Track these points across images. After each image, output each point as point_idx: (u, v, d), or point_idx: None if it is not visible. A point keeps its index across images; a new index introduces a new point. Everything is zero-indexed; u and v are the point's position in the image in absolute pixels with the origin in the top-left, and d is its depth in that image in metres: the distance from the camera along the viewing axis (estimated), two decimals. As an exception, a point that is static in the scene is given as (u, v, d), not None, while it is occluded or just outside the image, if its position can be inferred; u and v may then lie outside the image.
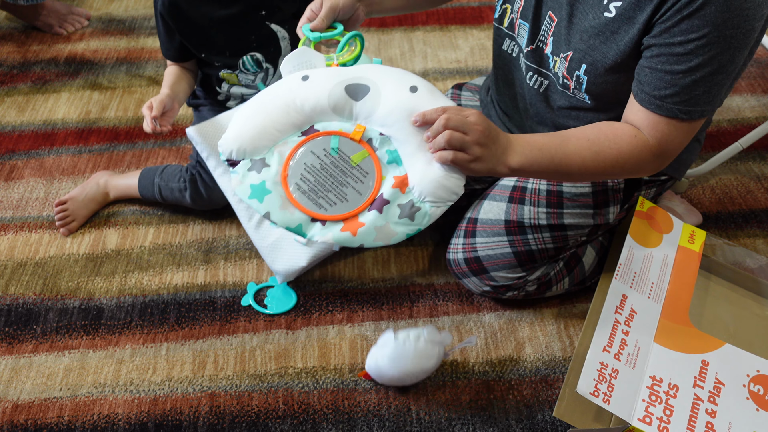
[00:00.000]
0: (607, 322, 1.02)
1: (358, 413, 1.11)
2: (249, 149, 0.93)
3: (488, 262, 1.17)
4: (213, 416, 1.11)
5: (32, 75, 1.80)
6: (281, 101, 0.95)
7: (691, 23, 0.85)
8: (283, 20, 1.27)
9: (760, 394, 0.96)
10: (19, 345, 1.21)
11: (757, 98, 1.69)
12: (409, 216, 0.91)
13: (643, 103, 0.93)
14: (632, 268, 1.08)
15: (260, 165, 0.93)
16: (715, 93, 0.91)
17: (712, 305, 1.10)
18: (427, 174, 0.90)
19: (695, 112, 0.92)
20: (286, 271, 1.25)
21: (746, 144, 1.39)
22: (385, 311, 1.26)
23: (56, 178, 1.51)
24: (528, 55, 1.08)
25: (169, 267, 1.33)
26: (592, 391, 0.93)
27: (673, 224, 1.17)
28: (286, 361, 1.18)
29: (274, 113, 0.94)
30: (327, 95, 0.93)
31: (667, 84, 0.90)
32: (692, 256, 1.12)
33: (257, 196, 0.92)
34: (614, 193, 1.14)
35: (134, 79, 1.78)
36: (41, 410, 1.12)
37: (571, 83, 1.03)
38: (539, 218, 1.13)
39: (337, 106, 0.94)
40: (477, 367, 1.17)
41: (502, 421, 1.11)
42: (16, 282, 1.31)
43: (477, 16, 1.98)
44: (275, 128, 0.93)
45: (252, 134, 0.93)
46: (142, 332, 1.23)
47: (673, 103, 0.91)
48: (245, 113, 0.96)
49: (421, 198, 0.91)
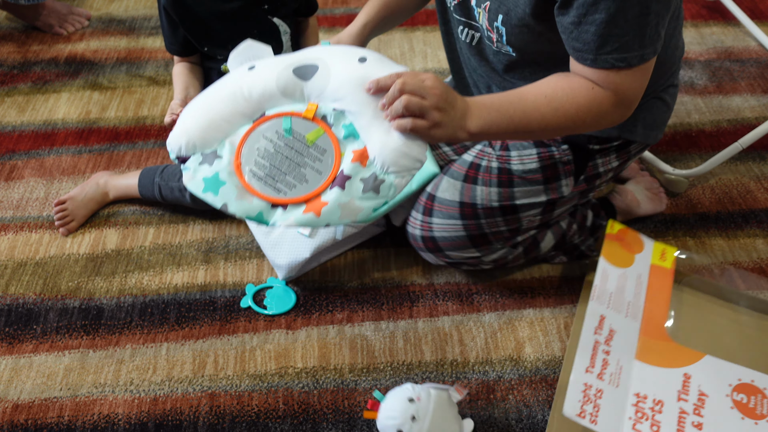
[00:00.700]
0: (588, 343, 1.03)
1: (358, 413, 1.11)
2: (198, 143, 0.91)
3: (443, 242, 1.17)
4: (213, 416, 1.11)
5: (32, 75, 1.80)
6: (227, 92, 0.93)
7: None
8: (285, 15, 1.28)
9: (744, 402, 0.97)
10: (19, 345, 1.21)
11: (757, 98, 1.69)
12: (374, 189, 0.88)
13: (580, 60, 0.90)
14: (608, 289, 1.10)
15: (212, 157, 0.91)
16: (650, 34, 0.86)
17: (687, 318, 1.11)
18: (387, 144, 0.88)
19: (633, 57, 0.87)
20: (289, 264, 1.25)
21: (746, 144, 1.39)
22: (385, 311, 1.26)
23: (56, 178, 1.51)
24: (456, 8, 1.06)
25: (169, 267, 1.33)
26: (579, 412, 0.94)
27: (643, 244, 1.18)
28: (286, 361, 1.18)
29: (221, 105, 0.92)
30: (275, 79, 0.91)
31: (593, 36, 0.85)
32: (665, 273, 1.14)
33: (212, 189, 0.90)
34: (563, 165, 1.12)
35: (134, 79, 1.78)
36: (41, 410, 1.12)
37: (494, 35, 1.00)
38: (491, 199, 1.13)
39: (286, 89, 0.91)
40: (477, 367, 1.17)
41: (502, 421, 1.11)
42: (16, 282, 1.31)
43: (477, 16, 1.98)
44: (223, 119, 0.91)
45: (200, 127, 0.91)
46: (142, 332, 1.23)
47: (606, 54, 0.86)
48: (192, 108, 0.94)
49: (384, 169, 0.88)
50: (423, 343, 1.21)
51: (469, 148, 1.21)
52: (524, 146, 1.12)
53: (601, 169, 1.15)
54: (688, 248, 1.35)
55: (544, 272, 1.31)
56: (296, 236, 1.26)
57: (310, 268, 1.31)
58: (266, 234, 1.28)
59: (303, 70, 0.91)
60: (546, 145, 1.12)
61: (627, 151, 1.15)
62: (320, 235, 1.26)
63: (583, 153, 1.12)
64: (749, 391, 0.98)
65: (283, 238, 1.26)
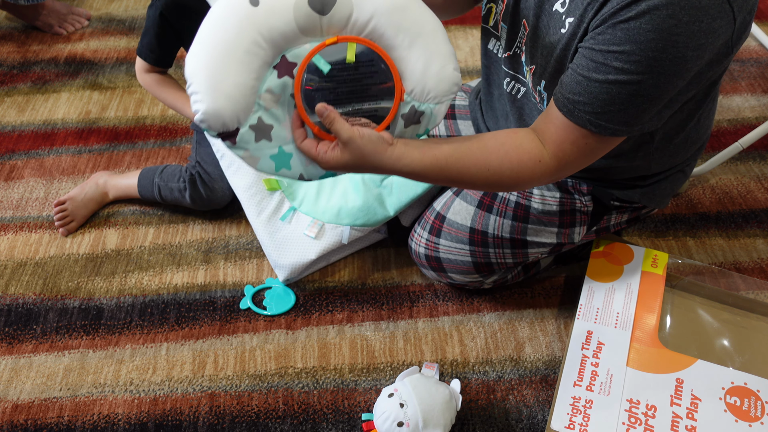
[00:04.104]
0: (575, 359, 1.04)
1: (358, 413, 1.11)
2: (241, 112, 0.82)
3: (448, 264, 1.18)
4: (213, 416, 1.11)
5: (32, 75, 1.80)
6: (245, 41, 0.80)
7: (614, 34, 0.78)
8: None
9: (737, 405, 0.98)
10: (19, 345, 1.21)
11: (757, 98, 1.69)
12: (414, 122, 0.87)
13: (558, 104, 0.86)
14: (594, 305, 1.11)
15: (266, 130, 0.84)
16: (633, 115, 0.83)
17: (679, 323, 1.12)
18: (429, 69, 0.85)
19: (607, 128, 0.84)
20: (293, 265, 1.25)
21: (746, 144, 1.39)
22: (385, 311, 1.26)
23: (56, 178, 1.51)
24: (506, 61, 1.05)
25: (169, 267, 1.33)
26: (567, 425, 0.96)
27: (633, 253, 1.18)
28: (286, 361, 1.18)
29: (244, 59, 0.80)
30: (293, 18, 0.80)
31: (582, 90, 0.82)
32: (657, 279, 1.14)
33: (284, 165, 0.86)
34: (581, 214, 1.12)
35: (134, 79, 1.78)
36: (41, 410, 1.12)
37: (537, 97, 0.99)
38: (503, 230, 1.13)
39: (306, 26, 0.82)
40: (477, 367, 1.17)
41: (502, 421, 1.11)
42: (16, 282, 1.31)
43: (477, 17, 1.98)
44: (252, 77, 0.81)
45: (232, 94, 0.80)
46: (142, 332, 1.23)
47: (584, 112, 0.84)
48: (210, 72, 0.80)
49: (425, 97, 0.86)
50: (423, 343, 1.21)
51: None
52: (549, 188, 1.12)
53: (612, 222, 1.17)
54: (688, 248, 1.35)
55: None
56: (302, 238, 1.26)
57: (311, 272, 1.31)
58: (271, 234, 1.27)
59: (319, 1, 0.81)
60: (570, 192, 1.12)
61: (639, 211, 1.16)
62: (326, 238, 1.26)
63: (602, 207, 1.13)
64: (742, 394, 0.98)
65: (289, 239, 1.26)
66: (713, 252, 1.35)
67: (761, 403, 0.98)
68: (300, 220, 1.28)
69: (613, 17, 0.78)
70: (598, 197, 1.11)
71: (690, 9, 0.75)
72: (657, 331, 1.07)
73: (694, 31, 0.76)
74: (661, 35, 0.76)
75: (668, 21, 0.75)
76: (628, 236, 1.37)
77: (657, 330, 1.07)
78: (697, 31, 0.76)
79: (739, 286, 1.20)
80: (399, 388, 1.03)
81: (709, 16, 0.76)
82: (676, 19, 0.75)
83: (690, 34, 0.76)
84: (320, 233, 1.26)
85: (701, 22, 0.76)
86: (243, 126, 0.83)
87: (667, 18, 0.75)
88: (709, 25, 0.76)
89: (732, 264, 1.32)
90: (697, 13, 0.75)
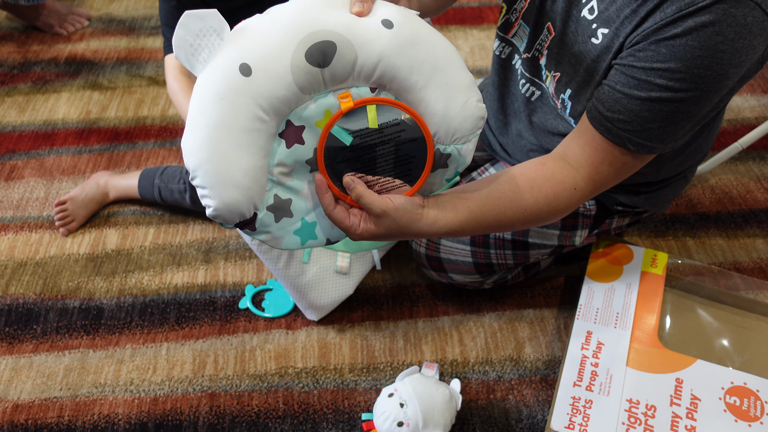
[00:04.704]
0: (574, 360, 1.04)
1: (358, 413, 1.11)
2: (256, 197, 0.73)
3: (448, 264, 1.18)
4: (213, 416, 1.11)
5: (32, 75, 1.80)
6: (245, 119, 0.70)
7: (657, 50, 0.77)
8: None
9: (736, 405, 0.98)
10: (19, 345, 1.21)
11: (757, 98, 1.69)
12: (442, 165, 0.78)
13: (594, 122, 0.84)
14: (594, 305, 1.11)
15: (285, 206, 0.76)
16: (671, 132, 0.83)
17: (679, 323, 1.12)
18: (449, 110, 0.74)
19: (644, 146, 0.83)
20: (332, 304, 1.22)
21: (746, 144, 1.39)
22: (385, 311, 1.26)
23: (56, 178, 1.51)
24: (524, 62, 1.03)
25: (169, 267, 1.33)
26: (567, 425, 0.96)
27: (633, 253, 1.19)
28: (286, 361, 1.18)
29: (248, 140, 0.71)
30: (292, 80, 0.70)
31: (622, 107, 0.81)
32: (656, 279, 1.14)
33: (309, 236, 0.79)
34: (584, 218, 1.13)
35: (134, 79, 1.78)
36: (41, 410, 1.12)
37: (558, 104, 0.98)
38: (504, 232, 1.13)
39: (305, 84, 0.71)
40: (477, 367, 1.17)
41: (502, 420, 1.11)
42: (16, 282, 1.31)
43: (477, 16, 1.98)
44: (260, 156, 0.72)
45: (242, 182, 0.71)
46: (142, 332, 1.23)
47: (623, 130, 0.82)
48: (213, 166, 0.71)
49: (449, 139, 0.76)
50: (423, 343, 1.21)
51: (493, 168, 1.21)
52: None
53: (614, 226, 1.17)
54: (688, 248, 1.35)
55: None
56: (333, 276, 1.22)
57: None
58: (296, 278, 1.19)
59: (317, 52, 0.70)
60: None
61: (641, 215, 1.17)
62: (356, 268, 1.24)
63: (605, 211, 1.13)
64: (742, 394, 0.99)
65: (320, 279, 1.21)
66: (713, 252, 1.35)
67: (761, 403, 0.98)
68: (321, 258, 1.22)
69: (656, 33, 0.77)
70: (601, 201, 1.11)
71: (736, 26, 0.75)
72: (657, 331, 1.07)
73: (737, 48, 0.76)
74: (708, 52, 0.75)
75: (715, 38, 0.75)
76: (627, 236, 1.37)
77: (657, 330, 1.07)
78: (740, 48, 0.76)
79: (738, 286, 1.20)
80: (399, 388, 1.04)
81: (752, 33, 0.76)
82: (723, 36, 0.75)
83: (734, 51, 0.76)
84: (350, 266, 1.25)
85: (744, 39, 0.76)
86: (260, 211, 0.75)
87: (714, 35, 0.75)
88: (750, 42, 0.76)
89: (732, 264, 1.32)
90: (742, 30, 0.75)
